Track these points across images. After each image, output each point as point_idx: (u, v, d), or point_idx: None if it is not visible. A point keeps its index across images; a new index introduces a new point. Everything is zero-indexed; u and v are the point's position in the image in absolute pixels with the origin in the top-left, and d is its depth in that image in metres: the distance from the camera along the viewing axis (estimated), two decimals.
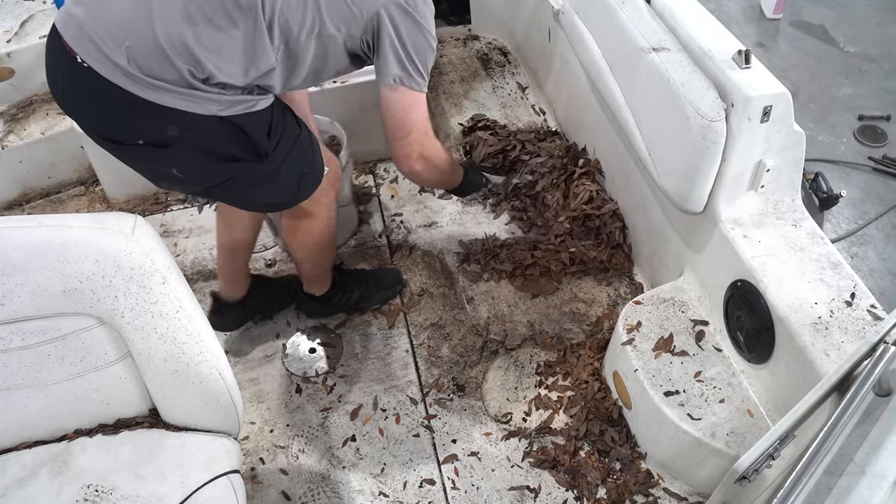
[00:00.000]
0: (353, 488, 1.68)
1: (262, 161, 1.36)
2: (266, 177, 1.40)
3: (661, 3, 1.72)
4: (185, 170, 1.35)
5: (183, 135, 1.28)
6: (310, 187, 1.54)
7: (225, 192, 1.45)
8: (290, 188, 1.49)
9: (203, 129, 1.28)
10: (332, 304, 1.99)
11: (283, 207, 1.60)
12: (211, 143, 1.31)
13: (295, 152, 1.43)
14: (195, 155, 1.32)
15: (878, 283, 2.31)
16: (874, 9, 3.58)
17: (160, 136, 1.27)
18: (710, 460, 1.51)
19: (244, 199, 1.51)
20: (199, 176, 1.38)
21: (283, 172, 1.42)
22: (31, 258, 1.10)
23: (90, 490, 1.21)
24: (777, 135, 1.47)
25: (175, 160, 1.33)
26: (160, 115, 1.24)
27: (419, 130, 1.47)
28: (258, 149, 1.35)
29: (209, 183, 1.40)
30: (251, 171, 1.37)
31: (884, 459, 0.85)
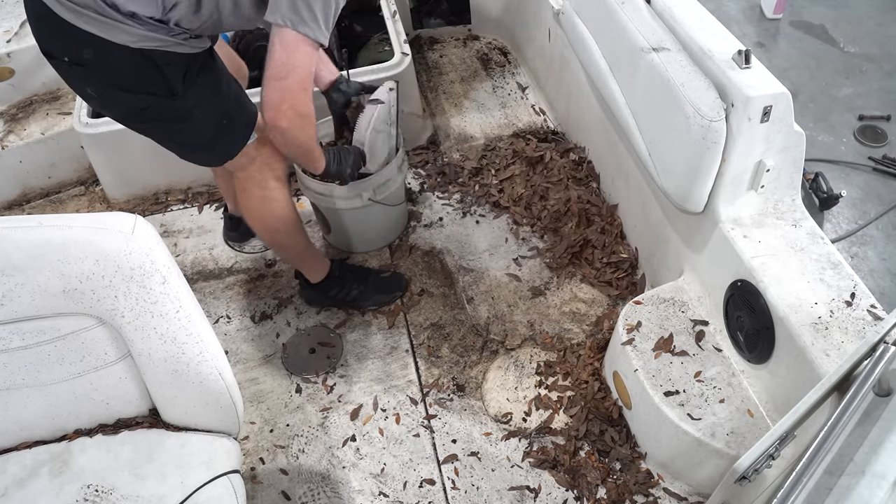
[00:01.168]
0: (353, 488, 1.68)
1: (175, 98, 1.41)
2: (178, 116, 1.46)
3: (661, 3, 1.72)
4: (99, 92, 1.43)
5: (96, 58, 1.34)
6: (231, 142, 1.55)
7: (141, 122, 1.50)
8: (207, 134, 1.51)
9: (114, 56, 1.34)
10: (329, 296, 2.01)
11: (207, 157, 1.62)
12: (120, 71, 1.37)
13: (212, 100, 1.48)
14: (107, 78, 1.39)
15: (878, 283, 2.31)
16: (874, 9, 3.58)
17: (78, 56, 1.35)
18: (710, 460, 1.51)
19: (164, 136, 1.55)
20: (111, 100, 1.46)
21: (196, 115, 1.46)
22: (31, 258, 1.10)
23: (90, 490, 1.21)
24: (777, 135, 1.47)
25: (90, 81, 1.42)
26: (78, 36, 1.31)
27: (298, 79, 1.36)
28: (171, 87, 1.40)
29: (123, 109, 1.47)
30: (162, 107, 1.43)
31: (884, 459, 0.85)
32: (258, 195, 1.68)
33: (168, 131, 1.52)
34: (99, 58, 1.34)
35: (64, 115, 2.43)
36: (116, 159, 2.30)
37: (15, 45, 2.40)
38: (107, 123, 2.20)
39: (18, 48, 2.39)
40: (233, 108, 1.53)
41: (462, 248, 2.20)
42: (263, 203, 1.70)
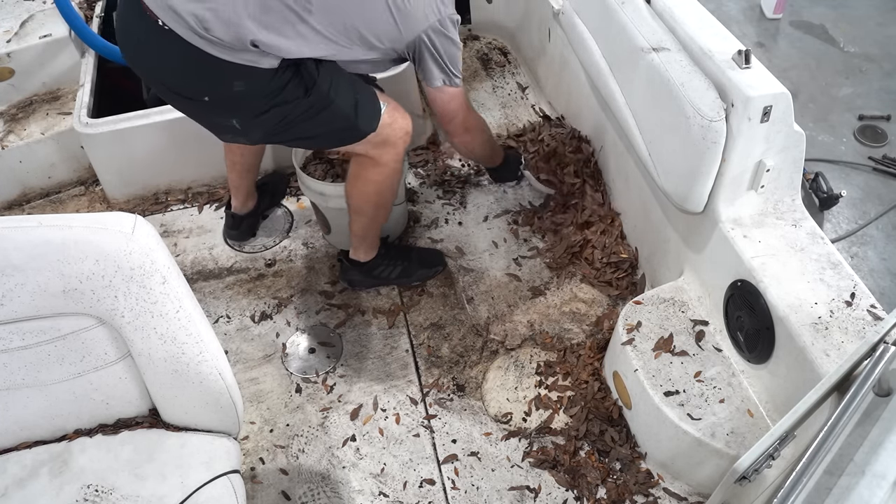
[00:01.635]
0: (353, 488, 1.68)
1: (310, 93, 1.52)
2: (319, 107, 1.55)
3: (661, 3, 1.71)
4: (243, 121, 1.56)
5: (248, 88, 1.47)
6: (368, 115, 1.64)
7: (284, 131, 1.59)
8: (347, 113, 1.60)
9: (265, 79, 1.46)
10: (373, 275, 2.04)
11: (349, 137, 1.67)
12: (269, 91, 1.48)
13: (341, 80, 1.58)
14: (254, 105, 1.51)
15: (878, 283, 2.31)
16: (874, 9, 3.58)
17: (227, 91, 1.47)
18: (710, 460, 1.51)
19: (306, 134, 1.64)
20: (256, 125, 1.56)
21: (333, 98, 1.56)
22: (31, 258, 1.10)
23: (90, 490, 1.21)
24: (777, 135, 1.47)
25: (236, 112, 1.54)
26: (228, 71, 1.42)
27: (461, 112, 1.79)
28: (307, 81, 1.51)
29: (265, 129, 1.58)
30: (300, 106, 1.53)
31: (884, 459, 0.85)
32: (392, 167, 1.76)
33: (313, 126, 1.60)
34: (250, 87, 1.47)
35: (64, 115, 2.43)
36: (116, 159, 2.30)
37: (15, 45, 2.40)
38: (107, 123, 2.20)
39: (18, 48, 2.39)
40: (358, 86, 1.64)
41: (462, 248, 2.20)
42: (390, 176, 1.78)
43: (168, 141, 2.27)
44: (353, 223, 1.90)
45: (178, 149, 2.30)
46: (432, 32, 1.56)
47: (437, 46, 1.59)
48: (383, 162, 1.73)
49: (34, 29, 2.46)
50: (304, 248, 2.24)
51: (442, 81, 1.66)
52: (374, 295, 2.08)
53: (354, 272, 2.04)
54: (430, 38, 1.57)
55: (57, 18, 2.41)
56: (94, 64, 2.41)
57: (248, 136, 1.66)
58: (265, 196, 2.29)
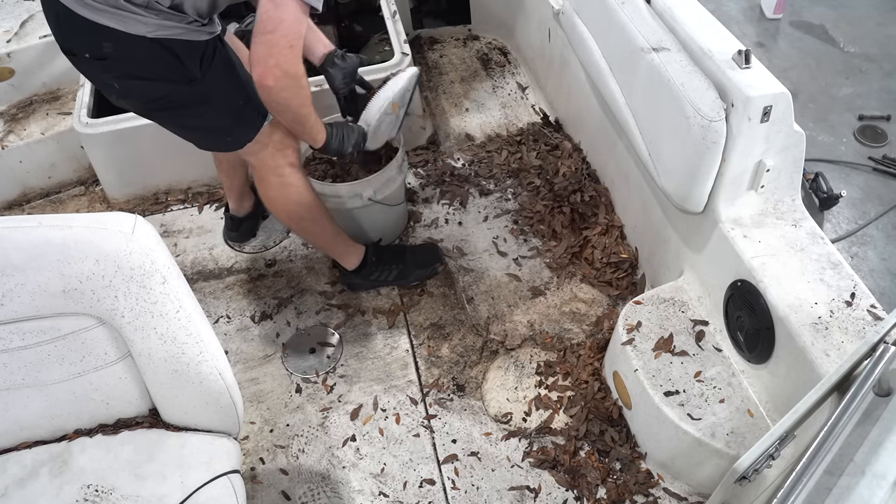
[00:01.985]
0: (353, 488, 1.68)
1: (192, 84, 1.48)
2: (197, 100, 1.52)
3: (661, 3, 1.71)
4: (121, 83, 1.50)
5: (116, 51, 1.41)
6: (248, 125, 1.59)
7: (161, 111, 1.56)
8: (225, 117, 1.56)
9: (133, 47, 1.41)
10: (371, 279, 2.04)
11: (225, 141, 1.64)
12: (140, 61, 1.44)
13: (228, 83, 1.54)
14: (127, 70, 1.46)
15: (878, 283, 2.31)
16: (874, 9, 3.58)
17: (98, 50, 1.42)
18: (710, 460, 1.51)
19: (183, 123, 1.60)
20: (134, 90, 1.51)
21: (214, 99, 1.53)
22: (31, 258, 1.10)
23: (90, 490, 1.21)
24: (777, 135, 1.47)
25: (112, 72, 1.48)
26: (97, 31, 1.38)
27: (285, 33, 1.34)
28: (187, 72, 1.46)
29: (144, 98, 1.53)
30: (181, 93, 1.49)
31: (884, 459, 0.85)
32: (275, 182, 1.71)
33: (187, 118, 1.57)
34: (118, 50, 1.41)
35: (64, 115, 2.43)
36: (116, 159, 2.30)
37: (15, 45, 2.40)
38: (107, 123, 2.20)
39: (18, 48, 2.39)
40: (249, 91, 1.55)
41: (462, 248, 2.20)
42: (282, 190, 1.73)
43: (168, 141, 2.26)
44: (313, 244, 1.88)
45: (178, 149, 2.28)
46: None
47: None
48: (265, 178, 1.69)
49: (34, 29, 2.46)
50: (304, 248, 2.24)
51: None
52: (374, 295, 2.08)
53: (351, 276, 2.04)
54: None
55: None
56: None
57: (128, 100, 1.58)
58: None
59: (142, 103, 1.58)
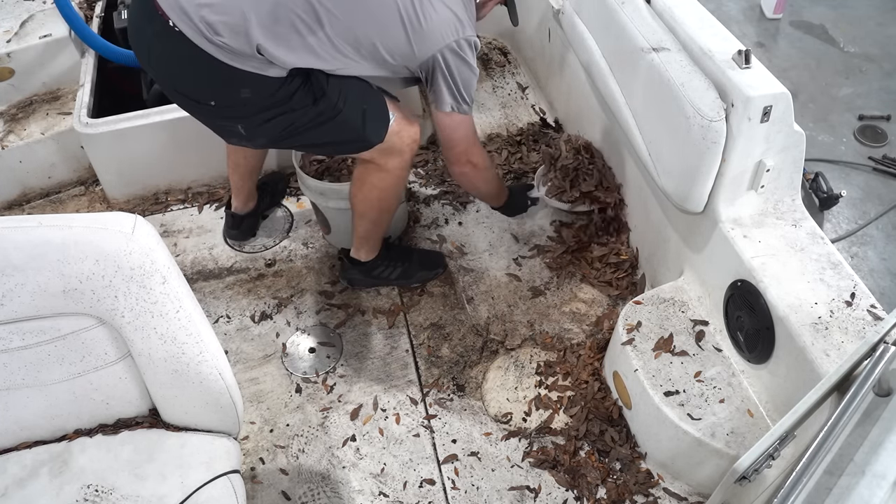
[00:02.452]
0: (353, 488, 1.68)
1: (319, 102, 1.51)
2: (327, 115, 1.54)
3: (661, 3, 1.71)
4: (248, 126, 1.55)
5: (254, 95, 1.46)
6: (376, 125, 1.63)
7: (289, 138, 1.59)
8: (355, 123, 1.59)
9: (272, 87, 1.46)
10: (373, 275, 2.04)
11: (356, 146, 1.67)
12: (276, 99, 1.48)
13: (351, 90, 1.56)
14: (259, 112, 1.50)
15: (878, 283, 2.31)
16: (874, 9, 3.58)
17: (233, 97, 1.47)
18: (710, 460, 1.51)
19: (313, 142, 1.65)
20: (261, 131, 1.56)
21: (342, 109, 1.55)
22: (31, 258, 1.10)
23: (90, 490, 1.21)
24: (777, 135, 1.47)
25: (242, 118, 1.53)
26: (237, 77, 1.42)
27: (466, 141, 1.72)
28: (315, 90, 1.50)
29: (270, 135, 1.58)
30: (308, 114, 1.53)
31: (884, 459, 0.85)
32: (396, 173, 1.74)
33: (319, 136, 1.60)
34: (255, 94, 1.46)
35: (64, 115, 2.43)
36: (116, 159, 2.30)
37: (15, 45, 2.40)
38: (107, 123, 2.20)
39: (18, 48, 2.39)
40: (369, 94, 1.61)
41: (462, 248, 2.20)
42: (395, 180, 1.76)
43: (168, 141, 2.27)
44: (357, 225, 1.90)
45: (178, 149, 2.30)
46: (448, 53, 1.51)
47: (452, 69, 1.54)
48: (389, 168, 1.72)
49: (34, 29, 2.46)
50: (304, 248, 2.24)
51: (451, 107, 1.61)
52: (374, 295, 2.08)
53: (354, 271, 2.04)
54: (445, 59, 1.52)
55: (57, 18, 2.41)
56: (94, 64, 2.41)
57: (252, 142, 1.66)
58: (265, 196, 2.29)
59: (267, 141, 1.65)
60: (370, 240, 1.96)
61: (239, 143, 1.70)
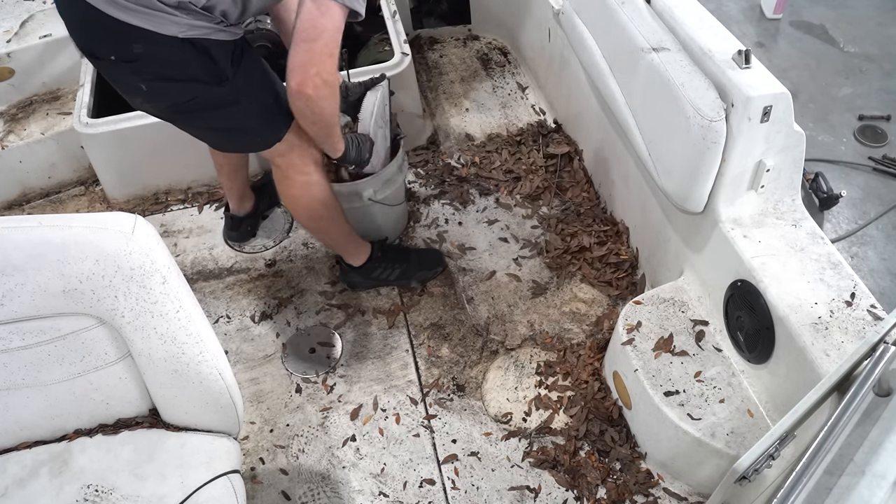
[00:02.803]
0: (353, 488, 1.68)
1: (223, 84, 1.47)
2: (227, 101, 1.50)
3: (661, 3, 1.71)
4: (150, 85, 1.47)
5: (146, 51, 1.39)
6: (278, 124, 1.58)
7: (189, 113, 1.54)
8: (255, 117, 1.55)
9: (164, 48, 1.39)
10: (372, 277, 2.04)
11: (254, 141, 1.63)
12: (172, 62, 1.42)
13: (257, 82, 1.54)
14: (157, 71, 1.44)
15: (878, 283, 2.31)
16: (874, 9, 3.58)
17: (127, 52, 1.40)
18: (710, 460, 1.51)
19: (212, 125, 1.58)
20: (162, 92, 1.49)
21: (244, 98, 1.51)
22: (31, 258, 1.10)
23: (90, 490, 1.21)
24: (777, 135, 1.47)
25: (141, 75, 1.45)
26: (127, 32, 1.36)
27: (327, 42, 1.36)
28: (219, 72, 1.46)
29: (172, 100, 1.51)
30: (211, 94, 1.48)
31: (884, 459, 0.85)
32: (300, 181, 1.71)
33: (216, 119, 1.55)
34: (149, 51, 1.39)
35: (64, 115, 2.43)
36: (116, 159, 2.30)
37: (15, 45, 2.40)
38: (107, 123, 2.20)
39: (18, 48, 2.39)
40: (278, 89, 1.57)
41: (462, 248, 2.20)
42: (306, 189, 1.72)
43: (168, 141, 2.27)
44: (322, 241, 1.88)
45: (178, 149, 2.29)
46: None
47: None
48: (291, 177, 1.68)
49: (34, 29, 2.46)
50: (304, 248, 2.24)
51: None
52: (374, 295, 2.08)
53: (353, 275, 2.04)
54: None
55: (57, 18, 2.39)
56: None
57: (153, 104, 1.55)
58: (264, 197, 2.29)
59: (168, 106, 1.55)
60: (346, 247, 1.95)
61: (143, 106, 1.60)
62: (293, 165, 1.67)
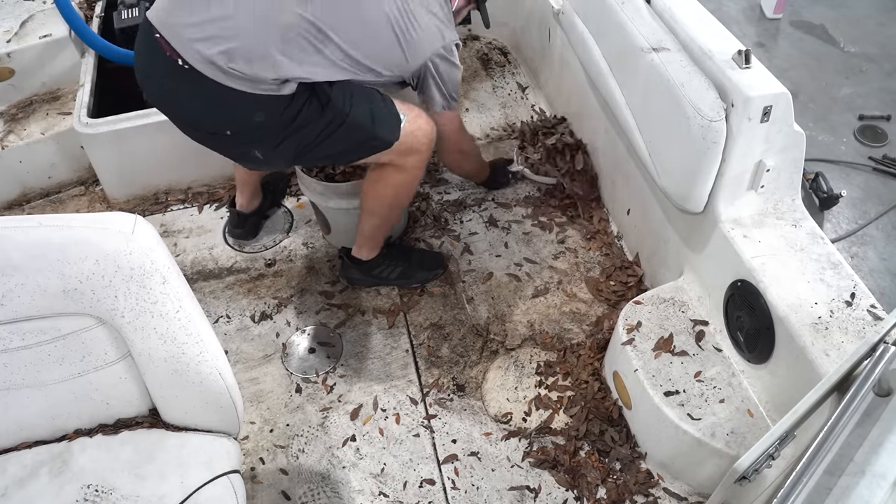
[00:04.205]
0: (353, 488, 1.68)
1: (325, 111, 1.55)
2: (335, 122, 1.57)
3: (661, 3, 1.72)
4: (265, 152, 1.58)
5: (267, 120, 1.50)
6: (388, 124, 1.65)
7: (305, 155, 1.63)
8: (365, 125, 1.61)
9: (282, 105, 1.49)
10: (373, 275, 2.04)
11: (372, 148, 1.68)
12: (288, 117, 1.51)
13: (355, 94, 1.59)
14: (275, 134, 1.54)
15: (878, 283, 2.31)
16: (874, 9, 3.58)
17: (247, 122, 1.50)
18: (710, 460, 1.51)
19: (328, 153, 1.66)
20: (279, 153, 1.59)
21: (349, 112, 1.57)
22: (31, 258, 1.10)
23: (90, 490, 1.21)
24: (777, 135, 1.47)
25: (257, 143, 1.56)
26: (249, 102, 1.46)
27: (456, 133, 1.88)
28: (321, 99, 1.54)
29: (287, 155, 1.61)
30: (317, 125, 1.56)
31: (884, 459, 0.85)
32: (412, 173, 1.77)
33: (333, 144, 1.61)
34: (269, 116, 1.50)
35: (64, 115, 2.43)
36: (116, 159, 2.30)
37: (15, 45, 2.40)
38: (107, 123, 2.20)
39: (18, 48, 2.39)
40: (374, 94, 1.65)
41: (463, 247, 2.20)
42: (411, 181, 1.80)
43: (168, 141, 2.27)
44: (364, 222, 1.91)
45: (178, 149, 2.29)
46: (437, 59, 1.62)
47: (441, 72, 1.64)
48: (407, 168, 1.74)
49: (34, 29, 2.46)
50: (304, 248, 2.24)
51: (442, 107, 1.73)
52: (374, 295, 2.08)
53: (355, 270, 2.04)
54: (435, 64, 1.62)
55: (57, 18, 2.41)
56: (94, 64, 2.41)
57: (270, 165, 1.71)
58: (267, 196, 2.29)
59: (289, 160, 1.65)
60: (374, 238, 1.96)
61: (258, 167, 1.74)
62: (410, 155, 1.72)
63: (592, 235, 2.19)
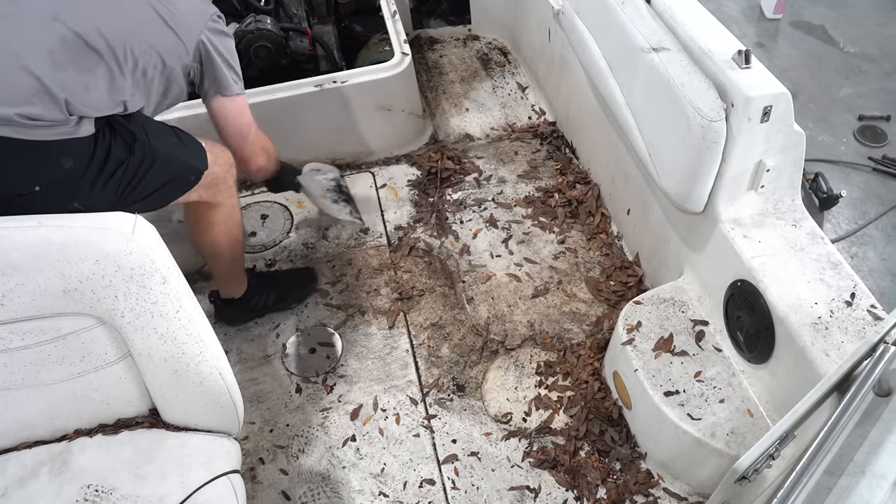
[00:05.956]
0: (353, 488, 1.68)
1: (134, 149, 1.44)
2: (147, 159, 1.46)
3: (661, 3, 1.72)
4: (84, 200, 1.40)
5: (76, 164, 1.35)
6: (195, 151, 1.57)
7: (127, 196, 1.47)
8: (177, 153, 1.53)
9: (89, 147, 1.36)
10: (250, 308, 2.00)
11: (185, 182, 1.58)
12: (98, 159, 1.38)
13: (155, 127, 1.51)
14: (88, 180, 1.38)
15: (878, 283, 2.31)
16: (874, 9, 3.58)
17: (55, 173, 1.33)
18: (710, 460, 1.51)
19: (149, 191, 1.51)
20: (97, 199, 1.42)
21: (157, 146, 1.48)
22: (31, 258, 1.10)
23: (90, 490, 1.21)
24: (777, 135, 1.47)
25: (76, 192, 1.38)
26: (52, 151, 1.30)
27: (254, 129, 1.68)
28: (126, 137, 1.43)
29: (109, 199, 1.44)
30: (131, 165, 1.44)
31: (884, 459, 0.85)
32: (229, 203, 1.72)
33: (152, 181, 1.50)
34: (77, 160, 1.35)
35: None
36: None
37: None
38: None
39: None
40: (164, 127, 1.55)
41: (463, 248, 2.20)
42: (233, 210, 1.75)
43: None
44: (215, 268, 1.86)
45: None
46: (210, 33, 1.47)
47: (219, 47, 1.50)
48: (220, 200, 1.68)
49: None
50: (303, 248, 2.24)
51: (235, 84, 1.55)
52: (374, 295, 2.08)
53: (231, 310, 1.99)
54: (210, 39, 1.48)
55: None
56: None
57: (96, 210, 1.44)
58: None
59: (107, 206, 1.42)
60: (234, 274, 1.91)
61: None
62: (219, 189, 1.65)
63: (592, 235, 2.19)
